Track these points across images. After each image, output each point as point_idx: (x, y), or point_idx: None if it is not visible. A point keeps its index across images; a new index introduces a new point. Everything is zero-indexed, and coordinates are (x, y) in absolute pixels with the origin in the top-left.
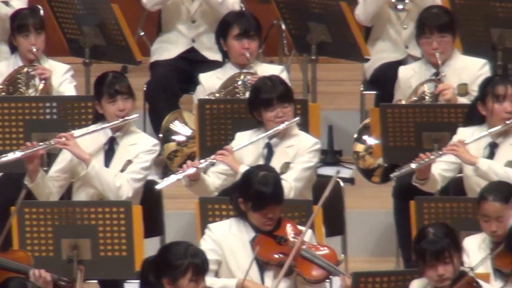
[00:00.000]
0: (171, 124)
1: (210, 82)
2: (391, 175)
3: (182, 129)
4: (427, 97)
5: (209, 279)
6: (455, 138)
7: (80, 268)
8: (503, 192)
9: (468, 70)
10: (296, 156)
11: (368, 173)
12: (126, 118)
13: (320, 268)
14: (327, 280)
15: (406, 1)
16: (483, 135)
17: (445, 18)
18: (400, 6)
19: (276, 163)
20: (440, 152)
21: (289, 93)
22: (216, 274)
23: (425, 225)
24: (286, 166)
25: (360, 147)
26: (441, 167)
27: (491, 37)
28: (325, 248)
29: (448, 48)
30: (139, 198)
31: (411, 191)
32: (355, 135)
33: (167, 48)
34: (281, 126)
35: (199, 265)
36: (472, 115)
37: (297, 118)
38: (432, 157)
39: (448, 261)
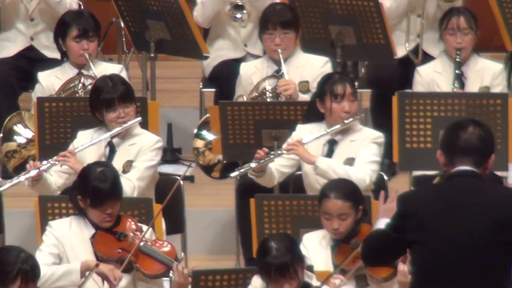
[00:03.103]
0: (14, 126)
1: (48, 81)
2: (231, 175)
3: (24, 132)
4: (268, 94)
5: (50, 268)
6: (294, 135)
7: None
8: (344, 190)
9: (309, 68)
10: (139, 155)
11: (208, 169)
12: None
13: (160, 263)
14: (167, 276)
15: (244, 11)
16: (321, 135)
17: (289, 14)
18: (238, 15)
19: (118, 162)
20: (279, 152)
21: (130, 93)
22: None
23: (267, 238)
24: (129, 165)
25: (200, 143)
26: (279, 162)
27: (330, 34)
28: (165, 243)
29: (290, 45)
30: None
31: (254, 189)
32: (195, 131)
33: (6, 46)
34: (124, 126)
35: (29, 272)
36: (312, 112)
37: (139, 118)
38: (271, 156)
39: (294, 276)
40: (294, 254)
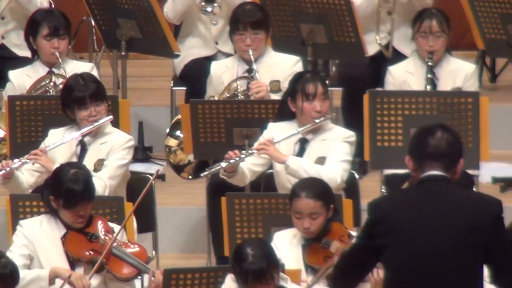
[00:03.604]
0: None
1: (19, 80)
2: (201, 174)
3: None
4: (240, 96)
5: (21, 272)
6: (265, 134)
7: None
8: (315, 189)
9: (280, 67)
10: (110, 154)
11: (178, 168)
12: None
13: (131, 266)
14: (138, 278)
15: (215, 4)
16: (291, 135)
17: (259, 14)
18: (209, 9)
19: (89, 161)
20: (250, 151)
21: (102, 91)
22: (29, 269)
23: (242, 244)
24: (100, 163)
25: (173, 142)
26: (251, 161)
27: (301, 32)
28: (136, 245)
29: (261, 45)
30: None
31: (225, 187)
32: (168, 130)
33: None
34: (95, 125)
35: (8, 277)
36: (283, 111)
37: (110, 117)
38: (242, 156)
39: (270, 282)
40: (270, 259)
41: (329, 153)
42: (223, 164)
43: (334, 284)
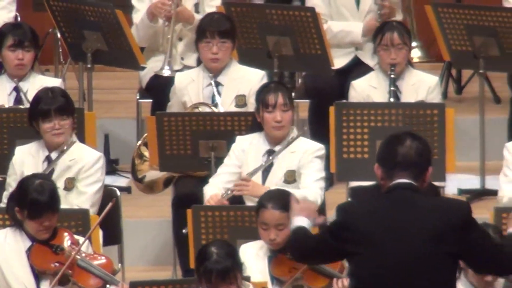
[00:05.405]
0: None
1: None
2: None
3: None
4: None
5: None
6: (233, 147)
7: None
8: (281, 200)
9: (246, 81)
10: (82, 175)
11: (137, 178)
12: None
13: (97, 277)
14: None
15: None
16: (261, 166)
17: (227, 24)
18: None
19: (59, 178)
20: (229, 192)
21: (69, 106)
22: None
23: (206, 244)
24: (71, 182)
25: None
26: (224, 179)
27: (267, 44)
28: (102, 257)
29: (227, 55)
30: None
31: (190, 200)
32: (139, 143)
33: None
34: (61, 138)
35: None
36: (255, 123)
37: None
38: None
39: (233, 281)
40: (234, 259)
41: (303, 171)
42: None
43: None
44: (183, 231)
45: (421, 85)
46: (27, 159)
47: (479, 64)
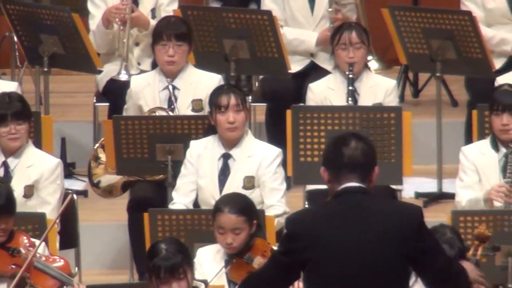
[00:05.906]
0: None
1: None
2: None
3: None
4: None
5: None
6: (188, 153)
7: None
8: (238, 204)
9: (203, 86)
10: (43, 183)
11: (92, 181)
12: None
13: (54, 279)
14: None
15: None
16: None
17: (183, 27)
18: None
19: (17, 185)
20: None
21: (26, 112)
22: None
23: (156, 241)
24: (30, 189)
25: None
26: (188, 189)
27: (224, 48)
28: (60, 259)
29: (183, 58)
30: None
31: (146, 203)
32: (96, 145)
33: None
34: (17, 143)
35: None
36: (210, 126)
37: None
38: None
39: (183, 277)
40: (184, 255)
41: (266, 183)
42: None
43: None
44: None
45: (379, 88)
46: None
47: (436, 67)
